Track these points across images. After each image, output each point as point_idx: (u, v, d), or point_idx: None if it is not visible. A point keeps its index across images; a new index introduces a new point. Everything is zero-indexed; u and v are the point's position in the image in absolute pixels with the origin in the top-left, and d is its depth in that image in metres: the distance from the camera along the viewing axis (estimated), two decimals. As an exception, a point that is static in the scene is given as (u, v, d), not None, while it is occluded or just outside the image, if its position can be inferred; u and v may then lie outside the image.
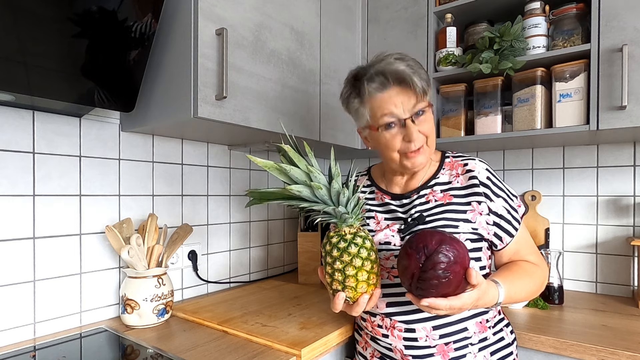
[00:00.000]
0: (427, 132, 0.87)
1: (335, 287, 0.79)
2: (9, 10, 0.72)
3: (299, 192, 0.75)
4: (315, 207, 0.77)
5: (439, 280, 0.68)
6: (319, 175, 0.76)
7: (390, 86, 0.84)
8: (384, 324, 0.89)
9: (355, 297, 0.78)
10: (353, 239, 0.77)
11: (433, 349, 0.84)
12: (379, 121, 0.87)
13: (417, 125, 0.85)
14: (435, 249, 0.69)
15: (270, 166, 0.75)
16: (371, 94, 0.86)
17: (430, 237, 0.71)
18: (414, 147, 0.85)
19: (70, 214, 1.05)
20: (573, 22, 1.21)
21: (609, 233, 1.41)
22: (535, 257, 0.92)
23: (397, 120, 0.85)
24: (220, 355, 0.87)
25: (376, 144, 0.93)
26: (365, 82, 0.86)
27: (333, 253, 0.78)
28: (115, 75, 0.94)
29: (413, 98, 0.84)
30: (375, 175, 1.04)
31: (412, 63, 0.86)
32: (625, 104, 1.05)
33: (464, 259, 0.70)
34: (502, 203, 0.88)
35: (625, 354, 0.89)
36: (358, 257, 0.76)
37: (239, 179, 1.56)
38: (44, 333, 1.00)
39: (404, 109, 0.84)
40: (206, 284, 1.42)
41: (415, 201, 0.92)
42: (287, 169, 0.75)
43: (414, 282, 0.71)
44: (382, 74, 0.84)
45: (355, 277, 0.76)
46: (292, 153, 0.76)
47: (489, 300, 0.76)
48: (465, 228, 0.86)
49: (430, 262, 0.68)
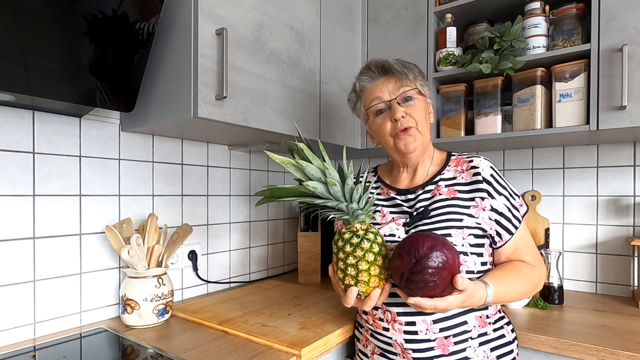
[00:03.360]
0: (416, 117, 0.92)
1: (347, 281, 0.80)
2: (9, 10, 0.72)
3: (314, 188, 0.78)
4: (329, 203, 0.80)
5: (426, 284, 0.72)
6: (333, 172, 0.78)
7: (377, 77, 0.96)
8: (385, 317, 0.90)
9: (367, 291, 0.80)
10: (365, 235, 0.80)
11: (433, 342, 0.85)
12: (370, 109, 0.96)
13: (404, 107, 0.92)
14: (425, 254, 0.72)
15: (287, 162, 0.79)
16: (362, 87, 0.98)
17: (423, 242, 0.74)
18: (400, 125, 0.91)
19: (70, 214, 1.05)
20: (573, 22, 1.21)
21: (609, 233, 1.41)
22: (533, 258, 0.93)
23: (384, 104, 0.94)
24: (220, 355, 0.87)
25: (375, 134, 0.99)
26: (357, 80, 0.99)
27: (346, 248, 0.80)
28: (116, 75, 0.94)
29: (398, 84, 0.93)
30: (382, 173, 1.08)
31: (402, 61, 0.95)
32: (625, 104, 1.05)
33: (452, 265, 0.73)
34: (503, 201, 0.89)
35: (625, 354, 0.89)
36: (371, 252, 0.78)
37: (239, 179, 1.56)
38: (44, 333, 1.00)
39: (389, 93, 0.93)
40: (206, 284, 1.42)
41: (421, 196, 0.94)
42: (303, 165, 0.78)
43: (403, 281, 0.75)
44: (370, 68, 0.96)
45: (368, 272, 0.78)
46: (306, 151, 0.79)
47: (475, 301, 0.79)
48: (469, 222, 0.88)
49: (419, 265, 0.72)
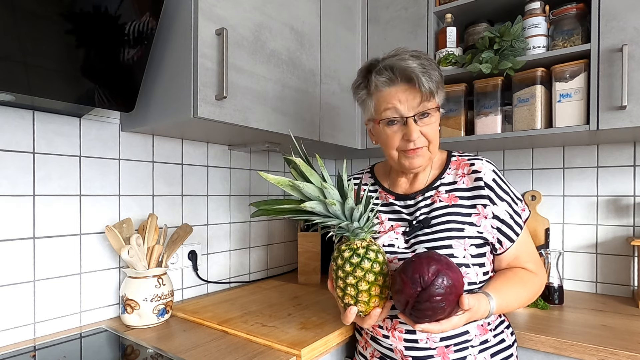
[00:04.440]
0: (430, 137, 0.85)
1: (347, 301, 0.78)
2: (9, 10, 0.72)
3: (312, 208, 0.74)
4: (328, 222, 0.76)
5: (434, 311, 0.69)
6: (332, 191, 0.74)
7: (397, 82, 0.84)
8: (385, 325, 0.88)
9: (367, 310, 0.77)
10: (366, 254, 0.76)
11: (433, 350, 0.84)
12: (382, 115, 0.86)
13: (420, 126, 0.84)
14: (432, 281, 0.69)
15: (283, 183, 0.74)
16: (378, 87, 0.86)
17: (427, 267, 0.70)
18: (412, 146, 0.85)
19: (70, 214, 1.05)
20: (573, 22, 1.21)
21: (609, 233, 1.41)
22: (535, 265, 0.91)
23: (399, 117, 0.85)
24: (220, 355, 0.87)
25: (378, 139, 0.93)
26: (373, 75, 0.86)
27: (346, 268, 0.76)
28: (115, 75, 0.94)
29: (418, 97, 0.83)
30: (379, 174, 1.03)
31: (425, 62, 0.84)
32: (625, 104, 1.05)
33: (458, 287, 0.71)
34: (505, 207, 0.86)
35: (625, 354, 0.89)
36: (371, 272, 0.75)
37: (239, 179, 1.56)
38: (44, 333, 1.00)
39: (408, 106, 0.84)
40: (206, 284, 1.42)
41: (420, 203, 0.91)
42: (300, 185, 0.73)
43: (408, 309, 0.72)
44: (391, 69, 0.84)
45: (368, 292, 0.75)
46: (303, 167, 0.74)
47: (480, 315, 0.77)
48: (470, 231, 0.85)
49: (426, 294, 0.68)
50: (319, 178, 0.75)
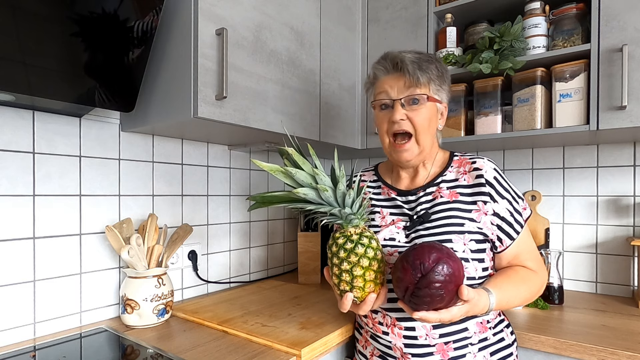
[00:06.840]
0: (417, 123, 0.89)
1: (343, 287, 0.79)
2: (9, 10, 0.73)
3: (305, 195, 0.75)
4: (321, 209, 0.78)
5: (432, 298, 0.70)
6: (324, 178, 0.76)
7: (390, 71, 0.92)
8: (385, 322, 0.89)
9: (363, 296, 0.79)
10: (359, 240, 0.78)
11: (432, 347, 0.85)
12: (376, 98, 0.95)
13: (407, 111, 0.90)
14: (432, 267, 0.70)
15: (275, 170, 0.75)
16: (376, 75, 0.96)
17: (428, 254, 0.71)
18: (397, 127, 0.89)
19: (70, 214, 1.05)
20: (573, 22, 1.21)
21: (609, 233, 1.41)
22: (535, 263, 0.92)
23: (388, 100, 0.92)
24: (220, 355, 0.87)
25: (376, 126, 0.99)
26: (373, 67, 0.97)
27: (340, 254, 0.78)
28: (115, 75, 0.94)
29: (408, 83, 0.89)
30: (382, 171, 1.06)
31: (423, 57, 0.91)
32: (625, 104, 1.05)
33: (458, 276, 0.72)
34: (505, 205, 0.87)
35: (625, 354, 0.89)
36: (365, 257, 0.77)
37: (239, 179, 1.56)
38: (44, 333, 1.00)
39: (397, 91, 0.91)
40: (206, 284, 1.42)
41: (422, 198, 0.93)
42: (292, 172, 0.75)
43: (407, 295, 0.73)
44: (387, 59, 0.93)
45: (362, 277, 0.77)
46: (296, 156, 0.76)
47: (479, 310, 0.77)
48: (471, 227, 0.86)
49: (426, 280, 0.70)
50: (311, 166, 0.77)
